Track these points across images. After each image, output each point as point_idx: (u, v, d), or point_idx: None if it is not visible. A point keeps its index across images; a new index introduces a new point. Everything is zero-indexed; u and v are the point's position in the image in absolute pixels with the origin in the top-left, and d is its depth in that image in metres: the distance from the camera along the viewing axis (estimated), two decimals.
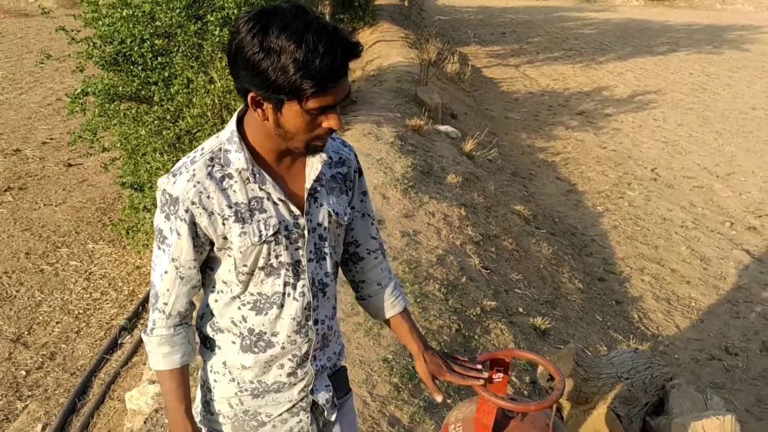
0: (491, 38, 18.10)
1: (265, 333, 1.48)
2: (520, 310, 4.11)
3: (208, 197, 1.37)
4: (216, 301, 1.50)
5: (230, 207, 1.38)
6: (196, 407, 1.63)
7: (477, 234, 4.79)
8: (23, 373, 4.79)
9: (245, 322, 1.48)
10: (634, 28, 20.62)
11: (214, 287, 1.50)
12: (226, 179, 1.39)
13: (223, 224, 1.39)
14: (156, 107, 5.41)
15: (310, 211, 1.47)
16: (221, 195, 1.38)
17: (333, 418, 1.65)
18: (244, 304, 1.47)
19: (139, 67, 5.50)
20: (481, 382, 1.68)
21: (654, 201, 7.56)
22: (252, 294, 1.46)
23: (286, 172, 1.45)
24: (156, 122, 5.34)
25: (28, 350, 5.07)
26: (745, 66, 15.32)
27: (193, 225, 1.38)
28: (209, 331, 1.54)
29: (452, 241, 4.48)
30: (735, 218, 7.22)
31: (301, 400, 1.57)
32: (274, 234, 1.41)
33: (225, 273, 1.45)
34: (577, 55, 16.27)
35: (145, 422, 2.86)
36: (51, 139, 9.23)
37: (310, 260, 1.48)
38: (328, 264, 1.52)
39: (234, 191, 1.39)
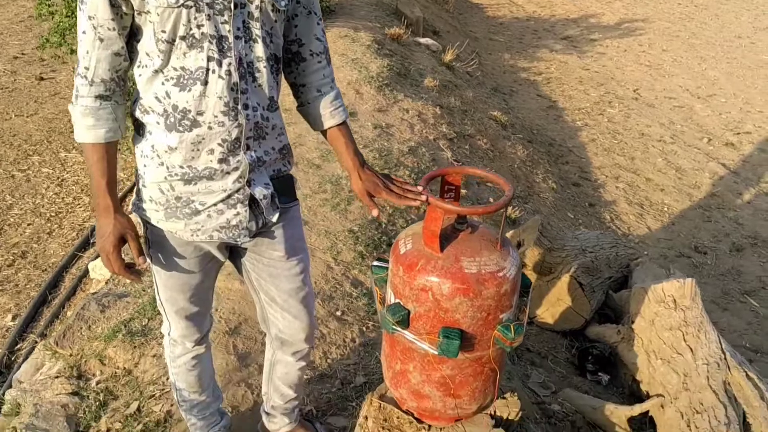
0: None
1: (190, 111, 1.42)
2: (491, 200, 4.11)
3: None
4: (140, 75, 1.45)
5: None
6: (132, 199, 1.61)
7: (452, 132, 4.75)
8: None
9: (169, 98, 1.42)
10: None
11: (139, 62, 1.45)
12: None
13: None
14: None
15: None
16: None
17: (274, 218, 1.63)
18: (167, 80, 1.42)
19: None
20: (419, 203, 1.66)
21: (633, 118, 7.53)
22: (175, 69, 1.40)
23: None
24: None
25: None
26: None
27: None
28: (138, 113, 1.49)
29: (426, 136, 4.44)
30: (713, 135, 7.22)
31: (237, 191, 1.53)
32: None
33: (147, 42, 1.40)
34: None
35: (106, 283, 2.85)
36: (22, 54, 8.96)
37: (237, 38, 1.42)
38: (260, 47, 1.46)
39: None
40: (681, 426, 2.29)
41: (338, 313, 2.62)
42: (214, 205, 1.54)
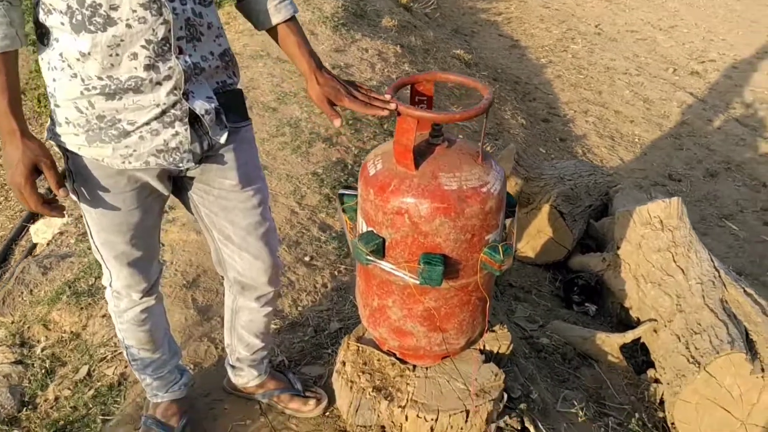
0: None
1: (101, 5, 1.17)
2: (460, 136, 3.90)
3: None
4: None
5: None
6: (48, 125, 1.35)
7: (414, 70, 4.51)
8: None
9: None
10: None
11: None
12: None
13: None
14: None
15: None
16: None
17: (222, 139, 1.39)
18: None
19: None
20: (386, 112, 1.44)
21: (597, 53, 7.36)
22: None
23: None
24: None
25: None
26: None
27: None
28: (41, 15, 1.22)
29: (387, 75, 4.19)
30: (678, 65, 7.11)
31: (174, 106, 1.29)
32: None
33: None
34: None
35: (48, 244, 2.59)
36: None
37: None
38: None
39: None
40: (678, 348, 2.16)
41: (306, 259, 2.41)
42: (147, 123, 1.29)
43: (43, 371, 2.04)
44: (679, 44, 7.70)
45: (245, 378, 1.84)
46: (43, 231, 2.81)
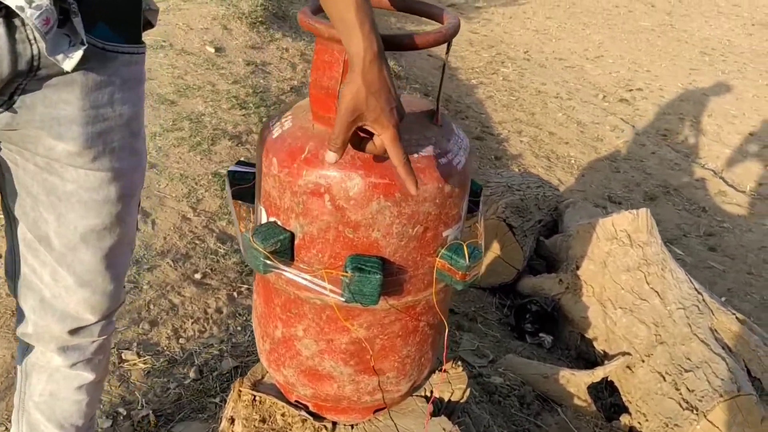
0: None
1: None
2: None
3: None
4: None
5: None
6: None
7: None
8: None
9: None
10: None
11: None
12: None
13: None
14: None
15: None
16: None
17: (68, 63, 0.78)
18: None
19: None
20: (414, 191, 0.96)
21: (528, 76, 7.22)
22: None
23: None
24: None
25: None
26: None
27: None
28: None
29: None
30: (607, 92, 7.08)
31: None
32: None
33: None
34: None
35: None
36: None
37: None
38: None
39: None
40: (663, 389, 1.73)
41: (197, 276, 1.86)
42: None
43: None
44: (606, 73, 7.70)
45: None
46: None
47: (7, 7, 0.73)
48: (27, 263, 0.95)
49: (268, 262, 1.00)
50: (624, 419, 1.91)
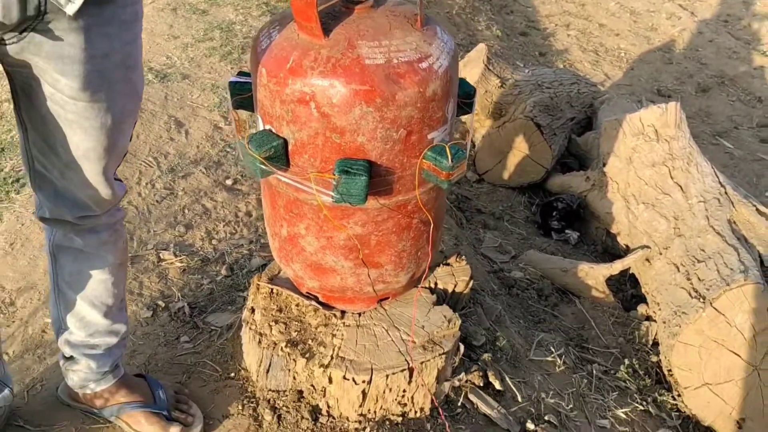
0: None
1: None
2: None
3: None
4: None
5: None
6: None
7: None
8: None
9: None
10: None
11: None
12: None
13: None
14: None
15: None
16: None
17: (70, 7, 0.86)
18: None
19: None
20: None
21: None
22: None
23: None
24: None
25: None
26: None
27: None
28: None
29: None
30: None
31: None
32: None
33: None
34: None
35: None
36: None
37: None
38: None
39: None
40: (677, 280, 1.78)
41: (228, 182, 1.97)
42: None
43: None
44: None
45: (80, 375, 1.26)
46: None
47: None
48: (39, 162, 1.08)
49: (264, 167, 1.08)
50: (641, 309, 1.98)
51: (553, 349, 1.67)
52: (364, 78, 1.01)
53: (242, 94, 1.20)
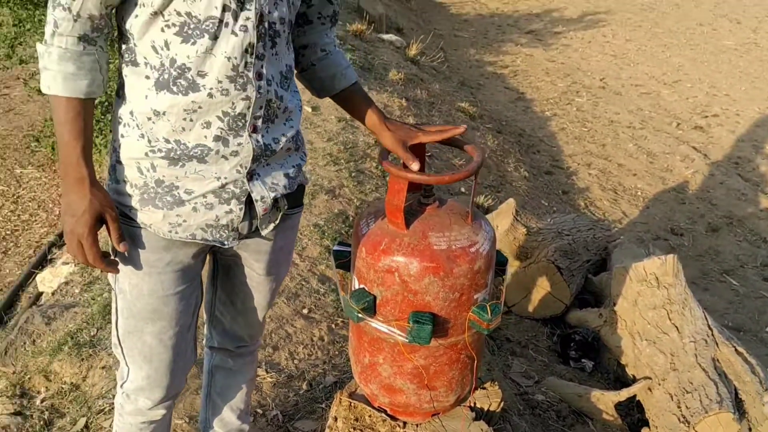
0: None
1: (190, 69, 1.14)
2: (462, 190, 3.97)
3: None
4: (136, 17, 1.15)
5: None
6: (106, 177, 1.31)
7: (419, 123, 4.61)
8: None
9: (167, 49, 1.14)
10: None
11: (135, 0, 1.15)
12: None
13: None
14: None
15: None
16: None
17: (267, 231, 1.37)
18: (168, 26, 1.13)
19: None
20: (461, 130, 1.48)
21: (602, 106, 7.49)
22: (179, 13, 1.12)
23: None
24: None
25: None
26: None
27: None
28: (124, 66, 1.20)
29: None
30: (681, 119, 7.21)
31: (234, 183, 1.24)
32: None
33: None
34: None
35: (53, 294, 2.64)
36: None
37: None
38: (285, 7, 1.22)
39: None
40: (670, 407, 2.16)
41: (305, 311, 2.45)
42: (203, 195, 1.24)
43: (41, 423, 2.06)
44: (683, 98, 7.82)
45: None
46: (49, 280, 2.86)
47: (250, 198, 1.31)
48: (219, 310, 1.59)
49: (360, 315, 1.55)
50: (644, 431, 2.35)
51: None
52: (432, 258, 1.50)
53: (342, 259, 1.70)
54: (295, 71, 1.46)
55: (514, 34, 10.74)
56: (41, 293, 3.94)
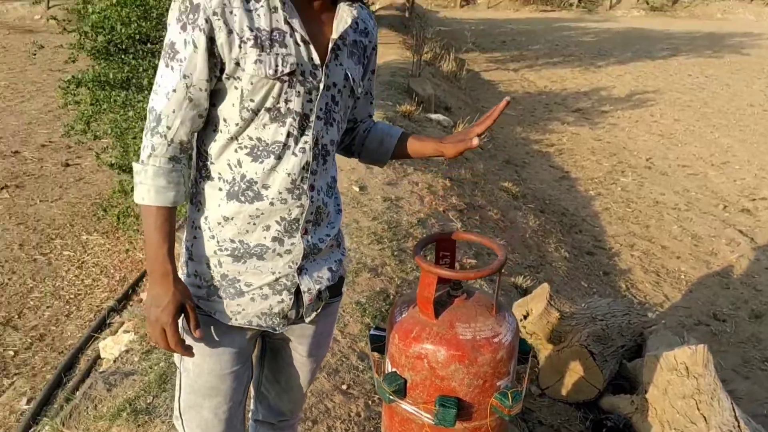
0: (491, 46, 18.22)
1: (257, 182, 1.36)
2: (502, 270, 4.10)
3: (231, 12, 1.26)
4: (215, 141, 1.38)
5: (251, 30, 1.28)
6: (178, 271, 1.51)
7: (461, 203, 4.80)
8: (11, 353, 4.75)
9: (240, 167, 1.36)
10: (635, 36, 20.70)
11: (215, 127, 1.37)
12: (253, 0, 1.29)
13: (240, 47, 1.28)
14: (146, 92, 5.49)
15: (330, 66, 1.38)
16: (244, 14, 1.27)
17: (309, 318, 1.57)
18: (241, 147, 1.36)
19: (130, 56, 5.58)
20: (503, 104, 1.52)
21: (647, 186, 7.54)
22: (251, 138, 1.35)
23: (313, 17, 1.37)
24: (145, 104, 5.41)
25: (17, 332, 5.05)
26: (744, 68, 15.32)
27: (210, 40, 1.27)
28: (201, 180, 1.42)
29: (435, 207, 4.49)
30: (728, 201, 7.18)
31: (286, 276, 1.46)
32: (290, 74, 1.31)
33: (228, 108, 1.34)
34: (576, 60, 16.33)
35: (114, 361, 2.86)
36: (50, 142, 9.26)
37: (318, 118, 1.39)
38: (335, 130, 1.45)
39: (258, 15, 1.29)
40: None
41: (344, 387, 2.60)
42: (260, 288, 1.45)
43: None
44: (730, 180, 7.81)
45: None
46: (111, 347, 3.09)
47: (298, 289, 1.52)
48: (264, 387, 1.77)
49: (392, 397, 1.70)
50: None
51: None
52: (458, 347, 1.65)
53: (378, 343, 1.87)
54: (356, 159, 1.71)
55: (561, 113, 10.97)
56: (99, 357, 4.19)
